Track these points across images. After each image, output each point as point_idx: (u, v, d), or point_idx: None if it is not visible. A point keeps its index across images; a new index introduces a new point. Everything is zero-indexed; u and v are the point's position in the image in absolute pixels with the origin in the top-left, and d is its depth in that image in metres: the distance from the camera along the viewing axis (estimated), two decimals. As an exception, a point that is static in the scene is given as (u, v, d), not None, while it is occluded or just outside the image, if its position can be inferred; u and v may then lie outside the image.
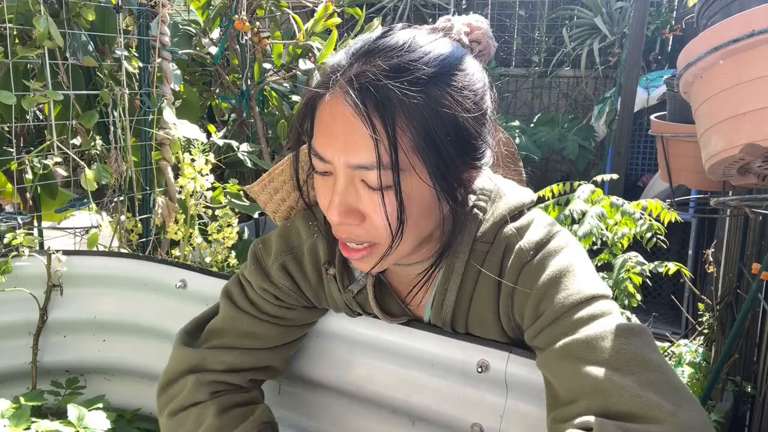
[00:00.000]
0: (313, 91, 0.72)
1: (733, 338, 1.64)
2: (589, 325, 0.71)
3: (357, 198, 0.72)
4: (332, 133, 0.70)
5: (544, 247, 0.79)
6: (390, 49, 0.70)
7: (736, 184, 1.31)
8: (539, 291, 0.77)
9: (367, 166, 0.68)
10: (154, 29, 1.78)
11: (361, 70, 0.68)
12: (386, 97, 0.67)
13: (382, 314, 0.90)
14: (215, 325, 0.94)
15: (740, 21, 0.97)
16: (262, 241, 0.94)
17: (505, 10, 4.90)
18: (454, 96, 0.70)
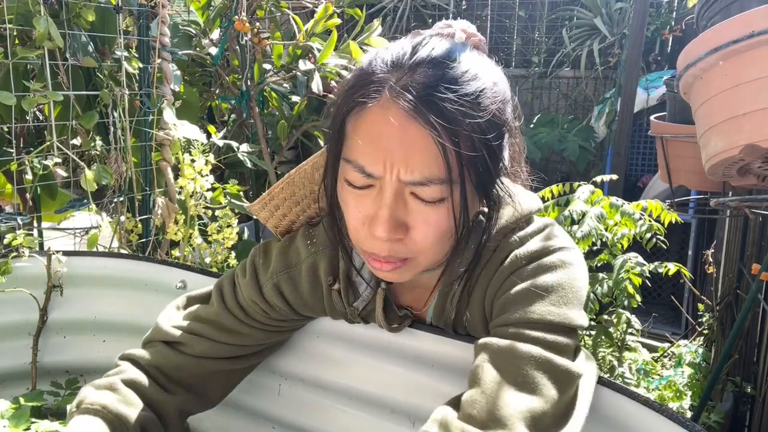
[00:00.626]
0: (355, 101, 0.68)
1: (733, 339, 1.64)
2: (531, 347, 0.70)
3: (405, 211, 0.69)
4: (384, 146, 0.66)
5: (538, 258, 0.77)
6: (436, 60, 0.68)
7: (735, 185, 1.31)
8: (515, 295, 0.75)
9: (425, 182, 0.67)
10: (154, 30, 1.78)
11: (415, 79, 0.66)
12: (448, 109, 0.65)
13: (390, 328, 0.90)
14: (201, 313, 0.93)
15: (740, 22, 0.97)
16: (264, 250, 0.93)
17: (504, 11, 4.90)
18: (501, 107, 0.70)
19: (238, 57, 2.41)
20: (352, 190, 0.71)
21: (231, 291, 0.93)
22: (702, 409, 1.72)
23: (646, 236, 1.75)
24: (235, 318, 0.91)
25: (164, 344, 0.92)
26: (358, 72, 0.72)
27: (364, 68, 0.71)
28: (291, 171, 0.89)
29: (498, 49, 4.95)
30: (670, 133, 1.98)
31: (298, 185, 0.90)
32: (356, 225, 0.74)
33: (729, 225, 2.34)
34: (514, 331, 0.73)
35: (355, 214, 0.73)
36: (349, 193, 0.72)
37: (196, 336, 0.91)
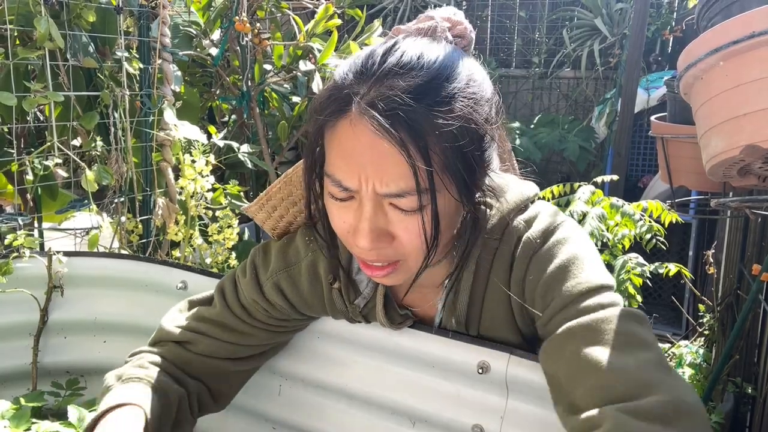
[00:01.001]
0: (325, 117, 0.69)
1: (734, 339, 1.64)
2: (594, 313, 0.72)
3: (386, 221, 0.70)
4: (357, 162, 0.66)
5: (551, 235, 0.80)
6: (406, 67, 0.66)
7: (736, 185, 1.31)
8: (548, 278, 0.77)
9: (400, 194, 0.67)
10: (155, 30, 1.78)
11: (382, 92, 0.65)
12: (416, 121, 0.64)
13: (391, 325, 0.90)
14: (204, 313, 0.93)
15: (740, 22, 0.97)
16: (264, 249, 0.93)
17: (505, 11, 4.90)
18: (476, 108, 0.69)
19: (238, 57, 2.41)
20: (335, 202, 0.72)
21: (232, 291, 0.93)
22: (702, 409, 1.71)
23: (647, 237, 1.75)
24: (237, 318, 0.92)
25: (173, 343, 0.92)
26: (331, 84, 0.72)
27: (336, 79, 0.70)
28: (288, 170, 0.89)
29: (498, 50, 4.95)
30: (670, 133, 1.98)
31: (296, 185, 0.90)
32: (343, 234, 0.75)
33: (729, 225, 2.34)
34: (573, 309, 0.73)
35: (340, 224, 0.74)
36: (332, 204, 0.73)
37: (200, 335, 0.91)
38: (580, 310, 0.73)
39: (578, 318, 0.72)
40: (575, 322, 0.72)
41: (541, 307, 0.78)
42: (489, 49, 4.97)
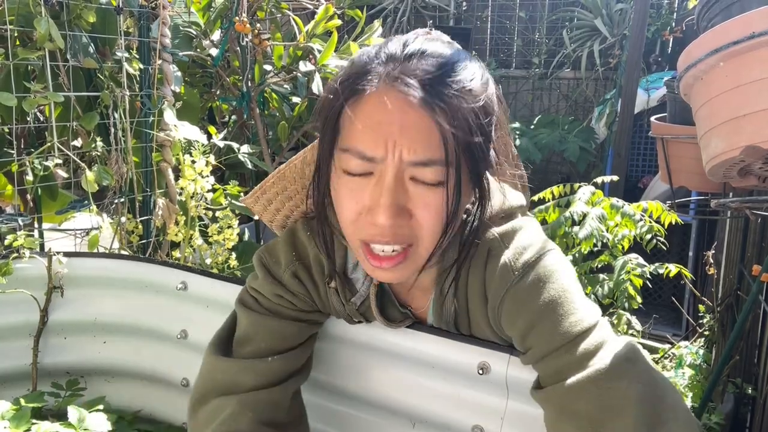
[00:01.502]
0: (348, 94, 0.69)
1: (734, 340, 1.64)
2: (594, 360, 0.72)
3: (406, 197, 0.70)
4: (385, 130, 0.67)
5: (532, 269, 0.77)
6: (429, 52, 0.69)
7: (736, 186, 1.31)
8: (530, 319, 0.76)
9: (427, 162, 0.67)
10: (155, 31, 1.78)
11: (410, 68, 0.67)
12: (445, 93, 0.66)
13: (386, 322, 0.90)
14: (241, 334, 0.91)
15: (740, 23, 0.97)
16: (268, 250, 0.92)
17: (505, 12, 4.90)
18: (490, 96, 0.72)
19: (238, 58, 2.41)
20: (349, 180, 0.71)
21: (255, 301, 0.91)
22: (703, 410, 1.72)
23: (647, 237, 1.75)
24: (269, 317, 0.89)
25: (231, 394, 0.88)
26: (350, 65, 0.72)
27: (356, 61, 0.72)
28: (281, 166, 0.89)
29: (498, 50, 4.96)
30: (670, 134, 1.98)
31: (290, 180, 0.90)
32: (353, 216, 0.73)
33: (730, 226, 2.34)
34: (557, 365, 0.74)
35: (351, 206, 0.72)
36: (345, 184, 0.72)
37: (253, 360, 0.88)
38: (579, 356, 0.73)
39: (582, 369, 0.72)
40: (583, 376, 0.71)
41: (522, 340, 0.78)
42: (489, 50, 4.97)
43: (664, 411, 0.70)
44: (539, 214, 1.90)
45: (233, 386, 0.87)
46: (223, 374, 0.88)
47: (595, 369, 0.71)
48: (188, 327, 1.17)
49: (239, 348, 0.91)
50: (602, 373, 0.71)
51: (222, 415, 0.85)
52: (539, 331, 0.75)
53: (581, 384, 0.71)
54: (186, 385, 1.18)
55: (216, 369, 0.89)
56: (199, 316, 1.15)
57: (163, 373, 1.21)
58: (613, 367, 0.71)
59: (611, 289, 1.78)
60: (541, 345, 0.75)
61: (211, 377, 0.89)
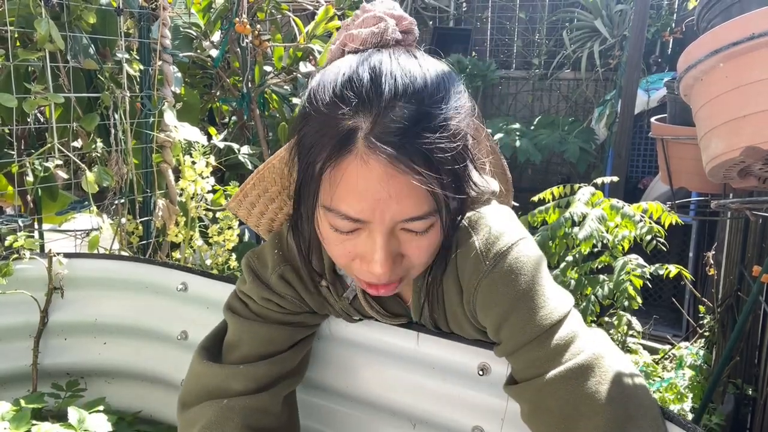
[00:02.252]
0: (327, 157, 0.65)
1: (734, 341, 1.64)
2: (566, 355, 0.74)
3: (397, 245, 0.71)
4: (373, 197, 0.65)
5: (503, 258, 0.76)
6: (404, 94, 0.65)
7: (736, 187, 1.31)
8: (502, 311, 0.76)
9: (417, 218, 0.67)
10: (155, 32, 1.78)
11: (389, 125, 0.63)
12: (428, 151, 0.64)
13: (381, 315, 0.90)
14: (229, 339, 0.91)
15: (740, 24, 0.97)
16: (256, 254, 0.92)
17: (505, 13, 4.90)
18: (466, 121, 0.70)
19: (238, 59, 2.41)
20: (338, 235, 0.71)
21: (243, 305, 0.91)
22: (703, 411, 1.72)
23: (647, 238, 1.75)
24: (257, 323, 0.90)
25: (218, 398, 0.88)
26: (316, 112, 0.67)
27: (323, 108, 0.66)
28: (260, 167, 0.88)
29: (498, 51, 4.96)
30: (670, 134, 1.98)
31: (270, 181, 0.89)
32: (345, 261, 0.74)
33: (730, 227, 2.34)
34: (529, 358, 0.75)
35: (342, 253, 0.73)
36: (334, 236, 0.71)
37: (242, 365, 0.89)
38: (553, 349, 0.74)
39: (558, 364, 0.73)
40: (558, 372, 0.73)
41: (495, 331, 0.79)
42: (489, 51, 4.97)
43: (634, 408, 0.72)
44: (539, 215, 1.90)
45: (220, 391, 0.88)
46: (211, 379, 0.89)
47: (567, 367, 0.73)
48: (188, 328, 1.17)
49: (228, 354, 0.91)
50: (573, 371, 0.72)
51: (207, 419, 0.85)
52: (511, 323, 0.76)
53: (553, 381, 0.73)
54: (186, 386, 1.18)
55: (203, 374, 0.89)
56: (199, 317, 1.15)
57: (164, 374, 1.21)
58: (584, 363, 0.73)
59: (611, 289, 1.78)
60: (514, 338, 0.76)
61: (198, 381, 0.90)
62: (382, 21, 0.74)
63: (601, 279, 1.84)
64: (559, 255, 1.89)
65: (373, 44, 0.73)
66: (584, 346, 0.74)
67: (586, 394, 0.72)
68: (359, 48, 0.73)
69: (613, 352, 0.77)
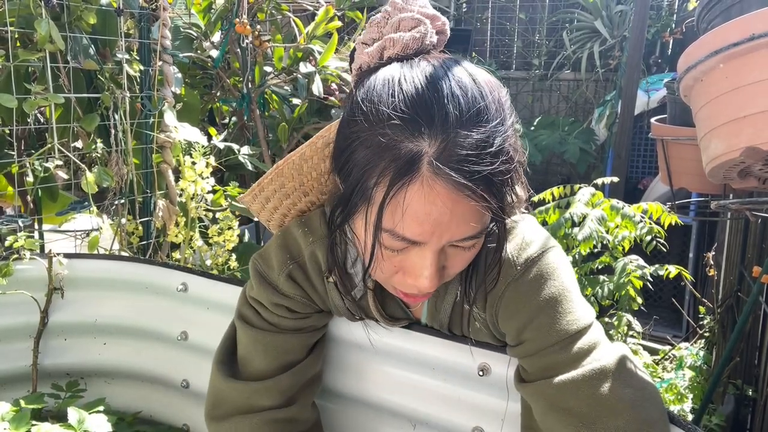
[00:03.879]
0: (391, 182, 0.63)
1: (734, 341, 1.64)
2: (588, 359, 0.75)
3: (444, 259, 0.72)
4: (434, 222, 0.65)
5: (534, 264, 0.78)
6: (468, 115, 0.64)
7: (736, 187, 1.31)
8: (529, 313, 0.77)
9: (470, 238, 0.68)
10: (155, 32, 1.78)
11: (454, 151, 0.63)
12: (489, 173, 0.64)
13: (384, 319, 0.90)
14: (245, 352, 0.91)
15: (740, 25, 0.97)
16: (261, 256, 0.91)
17: (505, 13, 4.90)
18: (517, 141, 0.70)
19: (239, 59, 2.41)
20: (387, 252, 0.70)
21: (255, 313, 0.91)
22: (703, 411, 1.72)
23: (647, 239, 1.75)
24: (270, 333, 0.90)
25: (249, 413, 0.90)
26: (371, 128, 0.65)
27: (379, 127, 0.64)
28: (279, 162, 0.88)
29: (498, 52, 4.96)
30: (670, 135, 1.98)
31: (287, 177, 0.89)
32: (388, 275, 0.74)
33: (730, 227, 2.34)
34: (550, 361, 0.76)
35: (388, 267, 0.73)
36: (384, 252, 0.71)
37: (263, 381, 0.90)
38: (573, 355, 0.75)
39: (574, 368, 0.74)
40: (572, 376, 0.74)
41: (517, 336, 0.79)
42: (489, 51, 4.97)
43: (652, 413, 0.74)
44: (539, 215, 1.90)
45: (248, 407, 0.89)
46: (237, 395, 0.90)
47: (590, 368, 0.74)
48: (188, 328, 1.17)
49: (244, 368, 0.91)
50: (596, 373, 0.73)
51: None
52: (537, 326, 0.77)
53: (575, 382, 0.73)
54: (186, 386, 1.18)
55: (227, 390, 0.90)
56: (199, 318, 1.15)
57: (164, 375, 1.21)
58: (607, 368, 0.74)
59: (611, 290, 1.78)
60: (537, 339, 0.76)
61: (224, 396, 0.91)
62: (422, 24, 0.72)
63: (601, 279, 1.84)
64: (559, 255, 1.88)
65: (414, 50, 0.71)
66: (605, 354, 0.76)
67: (607, 396, 0.73)
68: (400, 54, 0.71)
69: (632, 360, 0.78)
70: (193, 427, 1.20)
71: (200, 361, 1.15)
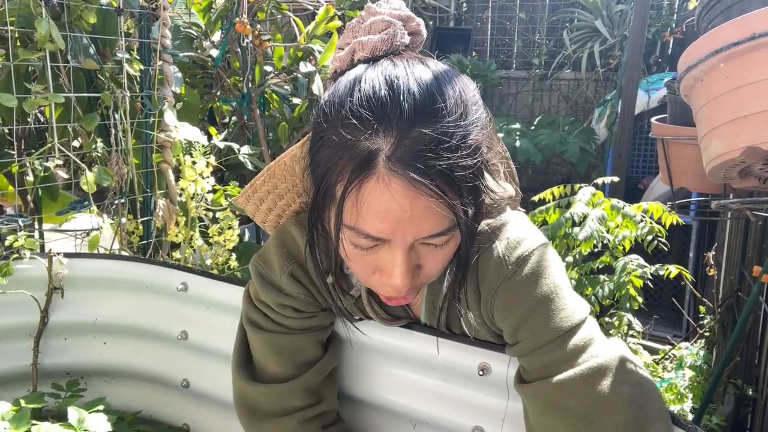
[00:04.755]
0: (349, 181, 0.65)
1: (735, 341, 1.64)
2: (584, 356, 0.74)
3: (416, 258, 0.72)
4: (395, 218, 0.65)
5: (526, 263, 0.77)
6: (425, 112, 0.64)
7: (736, 187, 1.31)
8: (523, 312, 0.77)
9: (438, 234, 0.68)
10: (156, 32, 1.78)
11: (411, 147, 0.63)
12: (448, 167, 0.64)
13: (380, 318, 0.90)
14: (259, 358, 0.92)
15: (741, 24, 0.97)
16: (261, 258, 0.91)
17: (505, 13, 4.90)
18: (483, 132, 0.70)
19: (239, 59, 2.41)
20: (359, 251, 0.71)
21: (263, 316, 0.91)
22: (703, 411, 1.72)
23: (647, 238, 1.75)
24: (280, 334, 0.91)
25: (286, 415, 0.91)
26: (332, 129, 0.66)
27: (340, 127, 0.65)
28: (271, 163, 0.88)
29: (499, 52, 4.96)
30: (671, 135, 1.98)
31: (280, 178, 0.89)
32: (366, 275, 0.75)
33: (730, 227, 2.34)
34: (546, 359, 0.75)
35: (363, 267, 0.74)
36: (355, 252, 0.72)
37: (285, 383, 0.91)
38: (569, 352, 0.74)
39: (571, 366, 0.74)
40: (569, 375, 0.73)
41: (513, 334, 0.79)
42: (489, 51, 4.97)
43: (651, 409, 0.73)
44: (540, 215, 1.90)
45: (282, 409, 0.91)
46: (267, 398, 0.91)
47: (587, 366, 0.73)
48: (189, 328, 1.17)
49: (263, 372, 0.92)
50: (593, 371, 0.73)
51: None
52: (531, 325, 0.76)
53: (572, 381, 0.73)
54: (186, 386, 1.18)
55: (255, 392, 0.91)
56: (199, 317, 1.15)
57: (164, 374, 1.21)
58: (603, 365, 0.74)
59: (611, 290, 1.78)
60: (532, 338, 0.76)
61: (256, 399, 0.91)
62: (391, 26, 0.73)
63: (601, 279, 1.84)
64: (560, 255, 1.89)
65: (384, 51, 0.72)
66: (601, 350, 0.75)
67: (605, 393, 0.72)
68: (369, 56, 0.71)
69: (629, 356, 0.77)
70: (193, 426, 1.20)
71: (200, 361, 1.15)
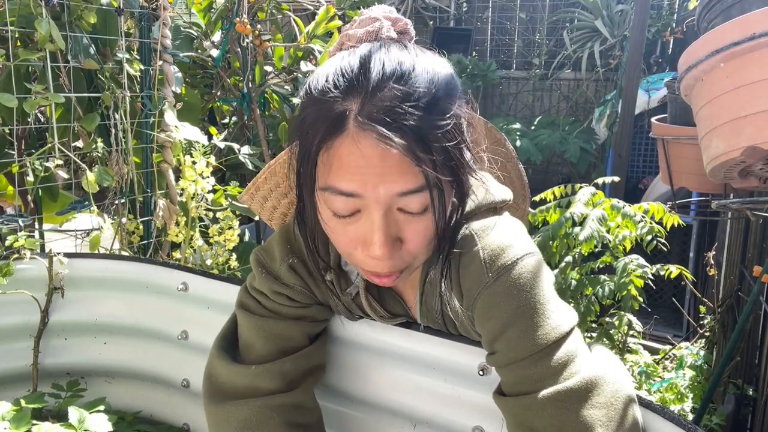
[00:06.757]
0: (320, 139, 0.68)
1: (735, 341, 1.64)
2: (559, 378, 0.72)
3: (397, 227, 0.71)
4: (365, 173, 0.67)
5: (507, 273, 0.75)
6: (393, 77, 0.67)
7: (737, 187, 1.31)
8: (500, 325, 0.75)
9: (409, 191, 0.68)
10: (156, 32, 1.78)
11: (379, 105, 0.66)
12: (416, 127, 0.66)
13: (378, 316, 0.90)
14: (246, 339, 0.92)
15: (741, 24, 0.97)
16: (263, 249, 0.92)
17: (505, 13, 4.90)
18: (457, 103, 0.71)
19: (239, 59, 2.41)
20: (338, 220, 0.72)
21: (256, 303, 0.91)
22: (704, 411, 1.72)
23: (647, 238, 1.75)
24: (271, 320, 0.90)
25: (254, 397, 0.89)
26: (311, 100, 0.71)
27: (317, 95, 0.70)
28: (271, 162, 0.89)
29: (499, 51, 4.96)
30: (671, 135, 1.99)
31: (281, 176, 0.90)
32: (349, 250, 0.75)
33: (730, 227, 2.34)
34: (521, 375, 0.74)
35: (345, 241, 0.74)
36: (335, 222, 0.73)
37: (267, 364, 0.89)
38: (553, 367, 0.72)
39: (554, 383, 0.72)
40: (553, 391, 0.71)
41: (490, 343, 0.77)
42: (489, 51, 4.97)
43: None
44: (540, 215, 1.90)
45: (250, 391, 0.88)
46: (239, 379, 0.89)
47: (557, 389, 0.71)
48: (189, 328, 1.17)
49: (246, 355, 0.91)
50: (562, 394, 0.71)
51: (245, 417, 0.86)
52: (507, 338, 0.74)
53: (541, 402, 0.71)
54: (186, 386, 1.18)
55: (229, 373, 0.89)
56: (199, 317, 1.15)
57: (164, 374, 1.21)
58: (577, 387, 0.71)
59: (612, 290, 1.78)
60: (508, 352, 0.74)
61: (226, 380, 0.90)
62: (377, 21, 0.76)
63: (601, 279, 1.84)
64: (560, 255, 1.89)
65: (368, 42, 0.74)
66: (580, 368, 0.73)
67: (572, 419, 0.70)
68: (355, 46, 0.74)
69: (612, 375, 0.74)
70: (193, 426, 1.20)
71: (201, 361, 1.15)
